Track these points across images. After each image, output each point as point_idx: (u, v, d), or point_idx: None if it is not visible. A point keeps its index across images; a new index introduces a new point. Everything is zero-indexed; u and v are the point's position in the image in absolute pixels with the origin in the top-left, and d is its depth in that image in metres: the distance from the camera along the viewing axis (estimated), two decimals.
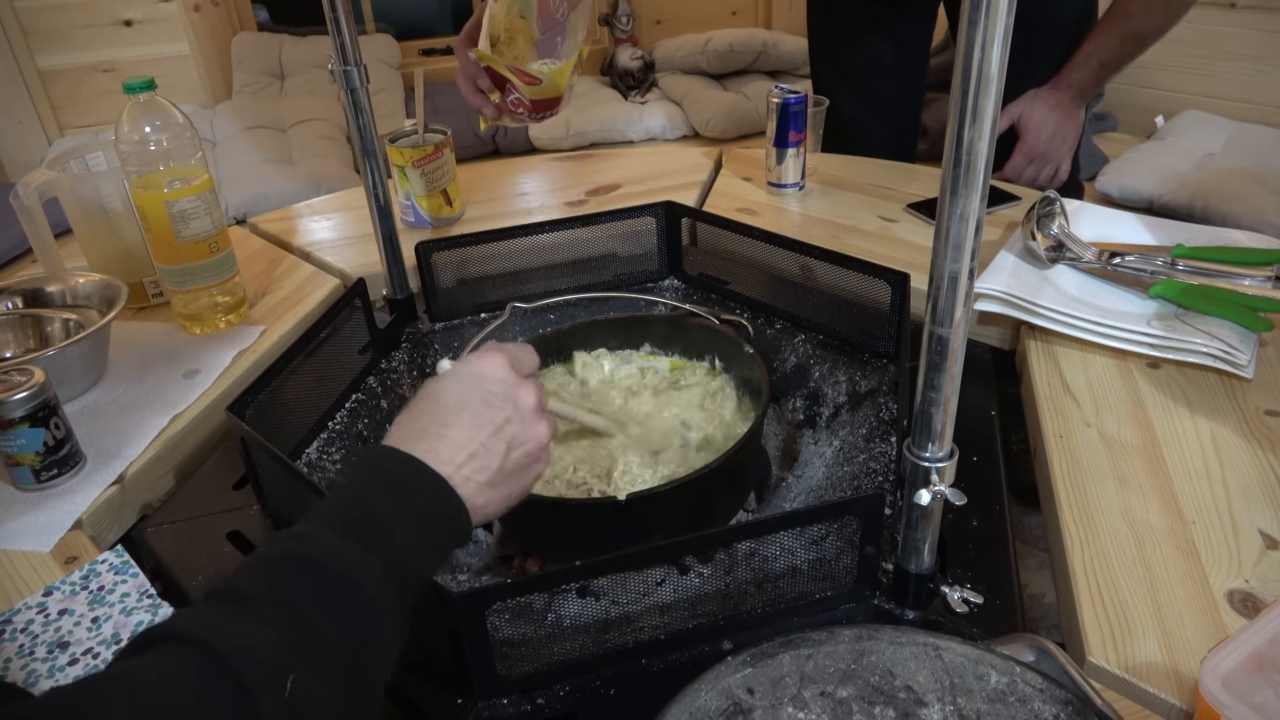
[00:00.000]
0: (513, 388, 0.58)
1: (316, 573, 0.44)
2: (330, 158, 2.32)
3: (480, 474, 0.54)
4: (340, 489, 0.52)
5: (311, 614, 0.43)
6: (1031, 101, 1.33)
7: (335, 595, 0.44)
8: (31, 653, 0.63)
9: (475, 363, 0.59)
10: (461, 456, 0.54)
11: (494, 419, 0.56)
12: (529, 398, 0.58)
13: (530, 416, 0.58)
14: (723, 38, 2.80)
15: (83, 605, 0.67)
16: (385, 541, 0.48)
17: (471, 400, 0.56)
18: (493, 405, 0.56)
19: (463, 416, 0.55)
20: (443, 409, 0.56)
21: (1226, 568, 0.63)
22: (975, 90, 0.45)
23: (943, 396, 0.54)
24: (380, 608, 0.45)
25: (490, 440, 0.55)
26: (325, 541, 0.46)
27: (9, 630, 0.65)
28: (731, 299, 1.04)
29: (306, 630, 0.42)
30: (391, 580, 0.46)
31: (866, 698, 0.50)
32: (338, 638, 0.43)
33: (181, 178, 0.93)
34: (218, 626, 0.40)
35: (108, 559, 0.71)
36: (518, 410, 0.57)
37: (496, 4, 0.90)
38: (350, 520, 0.48)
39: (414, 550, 0.50)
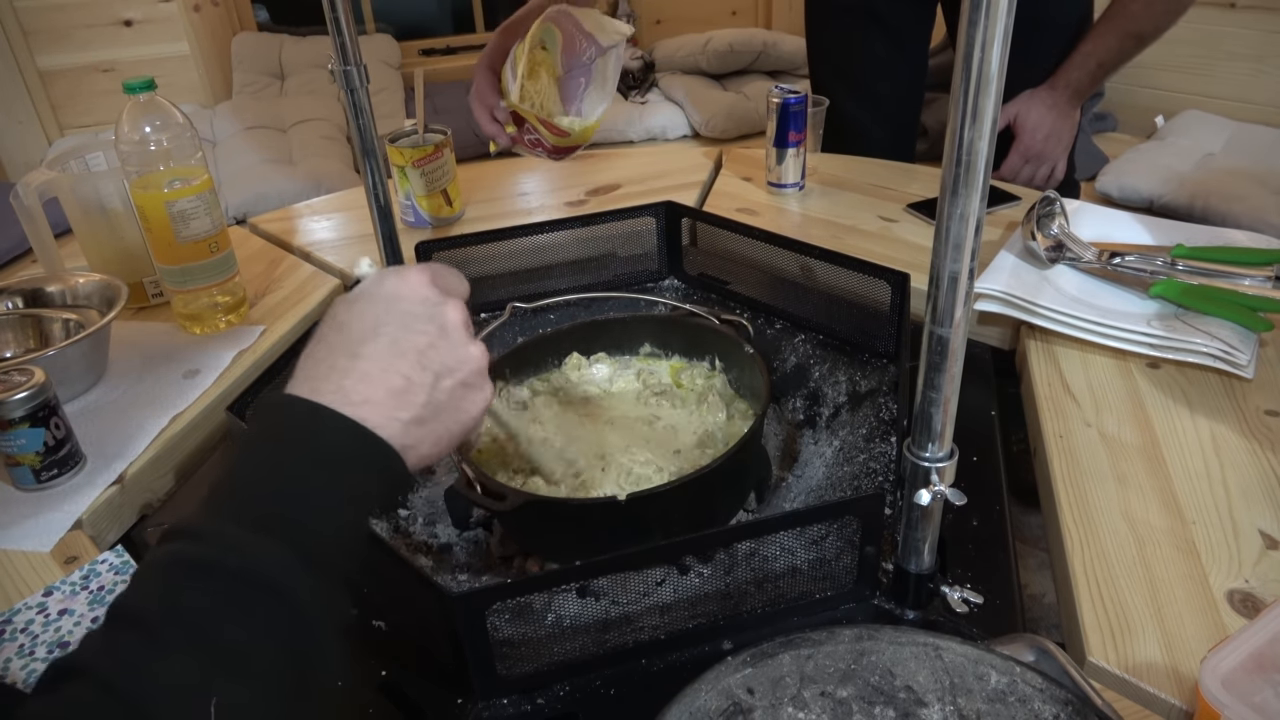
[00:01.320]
0: (436, 306, 0.50)
1: (219, 575, 0.39)
2: (330, 158, 2.32)
3: (404, 410, 0.47)
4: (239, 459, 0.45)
5: (222, 626, 0.38)
6: (1027, 101, 1.33)
7: (244, 597, 0.39)
8: (31, 653, 0.63)
9: (391, 279, 0.50)
10: (379, 392, 0.46)
11: (415, 343, 0.48)
12: (455, 315, 0.51)
13: (459, 337, 0.50)
14: (723, 38, 2.80)
15: (83, 605, 0.67)
16: (295, 518, 0.42)
17: (387, 323, 0.48)
18: (413, 328, 0.49)
19: (377, 344, 0.48)
20: (353, 337, 0.48)
21: (1226, 568, 0.63)
22: (975, 90, 0.45)
23: (943, 396, 0.54)
24: (299, 597, 0.40)
25: (412, 369, 0.48)
26: (223, 535, 0.41)
27: (9, 630, 0.65)
28: (731, 299, 1.04)
29: (219, 645, 0.38)
30: (307, 561, 0.41)
31: (866, 698, 0.50)
32: (256, 644, 0.38)
33: (181, 178, 0.93)
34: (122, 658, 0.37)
35: (108, 559, 0.71)
36: (444, 332, 0.50)
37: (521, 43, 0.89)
38: (251, 501, 0.43)
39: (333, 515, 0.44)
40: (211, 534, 0.41)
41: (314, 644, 0.41)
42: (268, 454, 0.45)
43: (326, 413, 0.45)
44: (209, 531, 0.41)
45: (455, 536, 0.79)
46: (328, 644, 0.41)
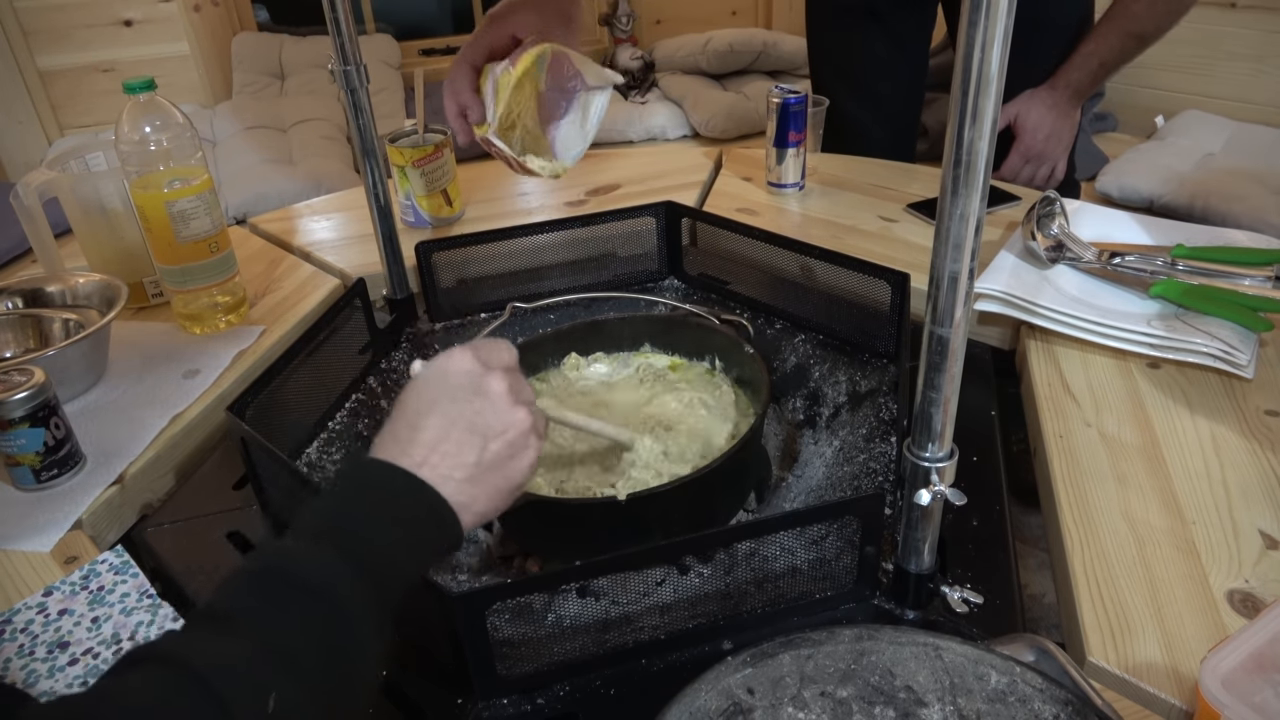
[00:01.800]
0: (480, 378, 0.57)
1: (294, 585, 0.45)
2: (330, 158, 2.32)
3: (457, 470, 0.54)
4: (317, 499, 0.52)
5: (290, 629, 0.43)
6: (1028, 101, 1.33)
7: (313, 607, 0.44)
8: (31, 653, 0.63)
9: (440, 362, 0.58)
10: (434, 456, 0.53)
11: (462, 412, 0.55)
12: (498, 385, 0.57)
13: (503, 404, 0.57)
14: (723, 38, 2.80)
15: (83, 605, 0.67)
16: (361, 546, 0.48)
17: (439, 400, 0.56)
18: (459, 400, 0.56)
19: (432, 418, 0.55)
20: (412, 414, 0.55)
21: (1226, 568, 0.63)
22: (975, 90, 0.45)
23: (943, 396, 0.54)
24: (356, 613, 0.45)
25: (462, 434, 0.54)
26: (299, 551, 0.47)
27: (9, 630, 0.65)
28: (731, 299, 1.04)
29: (285, 645, 0.42)
30: (368, 584, 0.47)
31: (866, 698, 0.50)
32: (314, 648, 0.43)
33: (181, 178, 0.93)
34: (199, 647, 0.41)
35: (108, 559, 0.71)
36: (488, 400, 0.56)
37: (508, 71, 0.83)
38: (325, 528, 0.49)
39: (394, 554, 0.49)
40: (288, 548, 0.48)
41: (361, 655, 0.45)
42: (345, 496, 0.52)
43: (393, 468, 0.52)
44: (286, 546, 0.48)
45: None
46: (372, 656, 0.46)
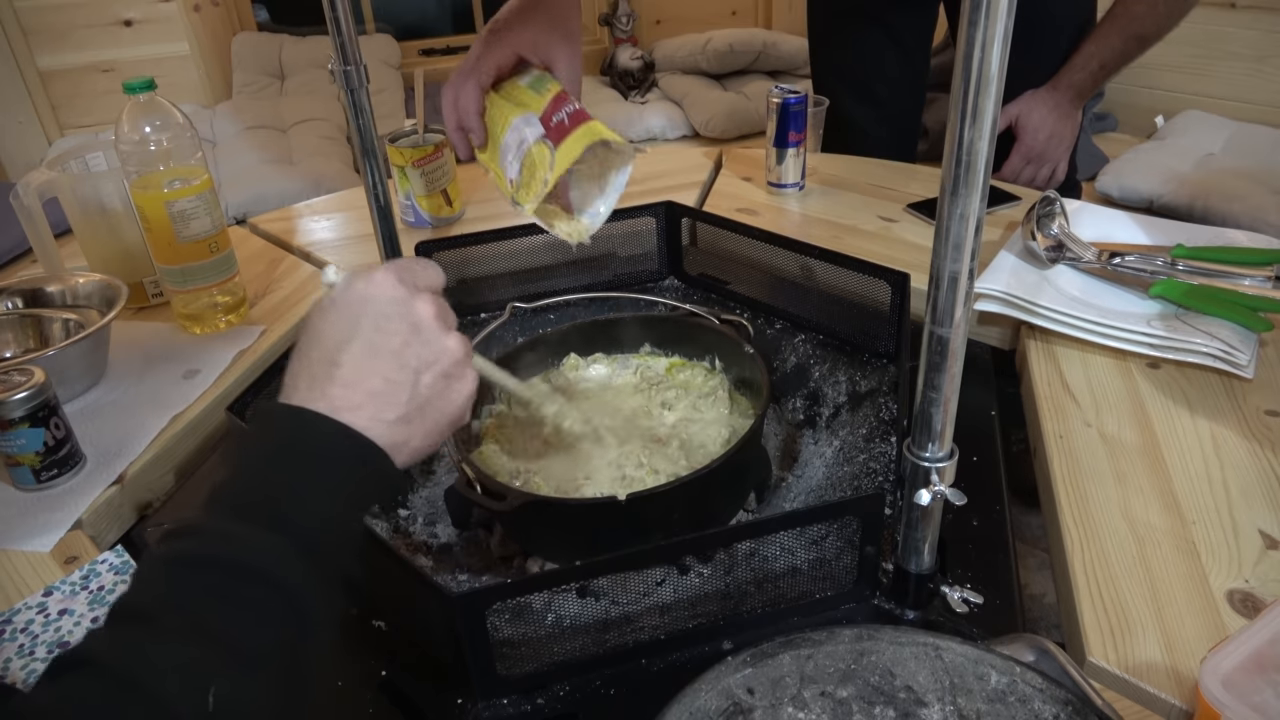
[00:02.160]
0: (406, 304, 0.51)
1: (218, 569, 0.41)
2: (330, 158, 2.32)
3: (388, 410, 0.48)
4: (235, 464, 0.47)
5: (220, 616, 0.40)
6: (1029, 102, 1.33)
7: (242, 589, 0.41)
8: (31, 653, 0.63)
9: (360, 286, 0.51)
10: (360, 396, 0.48)
11: (390, 344, 0.49)
12: (426, 310, 0.51)
13: (433, 331, 0.51)
14: (723, 38, 2.80)
15: (83, 605, 0.67)
16: (291, 515, 0.44)
17: (360, 327, 0.49)
18: (385, 329, 0.50)
19: (352, 350, 0.49)
20: (331, 345, 0.49)
21: (1226, 568, 0.63)
22: (975, 90, 0.45)
23: (943, 396, 0.54)
24: (294, 589, 0.42)
25: (390, 369, 0.49)
26: (222, 532, 0.43)
27: (9, 630, 0.65)
28: (731, 299, 1.04)
29: (218, 634, 0.39)
30: (304, 555, 0.43)
31: (866, 698, 0.50)
32: (254, 633, 0.40)
33: (181, 178, 0.93)
34: (128, 650, 0.38)
35: (108, 559, 0.71)
36: (417, 328, 0.50)
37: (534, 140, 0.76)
38: (248, 501, 0.44)
39: (325, 514, 0.45)
40: (207, 530, 0.43)
41: (309, 635, 0.42)
42: (260, 458, 0.46)
43: (314, 417, 0.47)
44: (205, 528, 0.43)
45: (455, 536, 0.79)
46: (323, 634, 0.43)
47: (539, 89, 0.78)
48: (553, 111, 0.76)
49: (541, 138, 0.75)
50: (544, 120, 0.76)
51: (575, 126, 0.75)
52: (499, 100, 0.80)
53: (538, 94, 0.78)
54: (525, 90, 0.79)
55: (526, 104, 0.78)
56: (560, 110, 0.76)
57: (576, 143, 0.74)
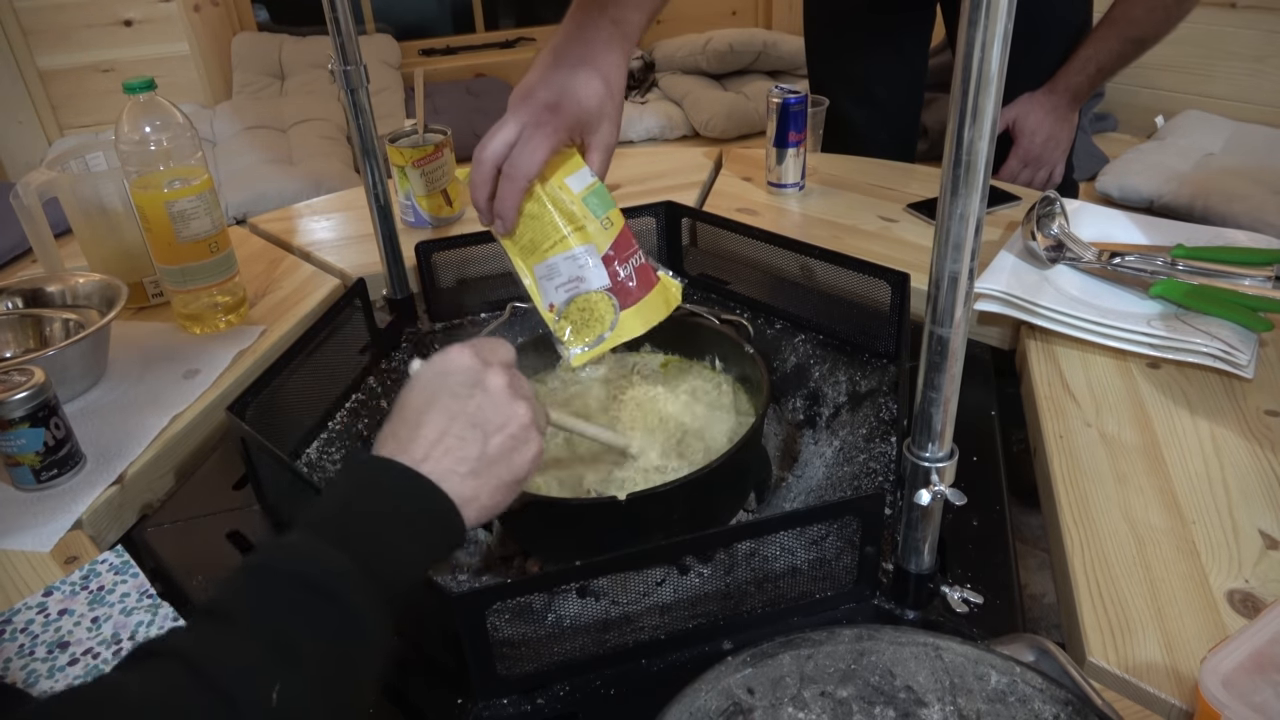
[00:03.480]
0: (478, 373, 0.57)
1: (296, 580, 0.45)
2: (330, 158, 2.32)
3: (459, 465, 0.54)
4: (320, 497, 0.52)
5: (292, 623, 0.44)
6: (1027, 105, 1.33)
7: (315, 602, 0.45)
8: (31, 653, 0.63)
9: (438, 361, 0.58)
10: (436, 452, 0.53)
11: (463, 408, 0.55)
12: (497, 380, 0.57)
13: (502, 398, 0.57)
14: (723, 38, 2.80)
15: (83, 605, 0.67)
16: (366, 544, 0.48)
17: (439, 396, 0.56)
18: (460, 395, 0.56)
19: (431, 414, 0.55)
20: (412, 412, 0.55)
21: (1226, 568, 0.63)
22: (975, 90, 0.45)
23: (943, 396, 0.54)
24: (360, 610, 0.46)
25: (462, 429, 0.54)
26: (304, 548, 0.47)
27: (9, 630, 0.65)
28: (731, 299, 1.04)
29: (287, 640, 0.43)
30: (372, 581, 0.47)
31: (866, 698, 0.50)
32: (318, 645, 0.44)
33: (181, 178, 0.93)
34: (204, 643, 0.42)
35: (108, 559, 0.71)
36: (488, 394, 0.56)
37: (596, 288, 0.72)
38: (329, 526, 0.49)
39: (397, 549, 0.50)
40: (288, 544, 0.48)
41: (363, 649, 0.46)
42: (346, 496, 0.52)
43: (395, 465, 0.53)
44: (291, 544, 0.48)
45: None
46: (375, 650, 0.46)
47: (598, 211, 0.72)
48: (618, 257, 0.72)
49: (607, 291, 0.72)
50: (607, 263, 0.72)
51: (645, 290, 0.72)
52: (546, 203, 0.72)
53: (597, 219, 0.72)
54: (580, 204, 0.72)
55: (583, 225, 0.72)
56: (626, 259, 0.72)
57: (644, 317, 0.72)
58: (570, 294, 0.73)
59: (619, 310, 0.72)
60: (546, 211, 0.72)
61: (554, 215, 0.72)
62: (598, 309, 0.72)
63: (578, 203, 0.72)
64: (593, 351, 0.73)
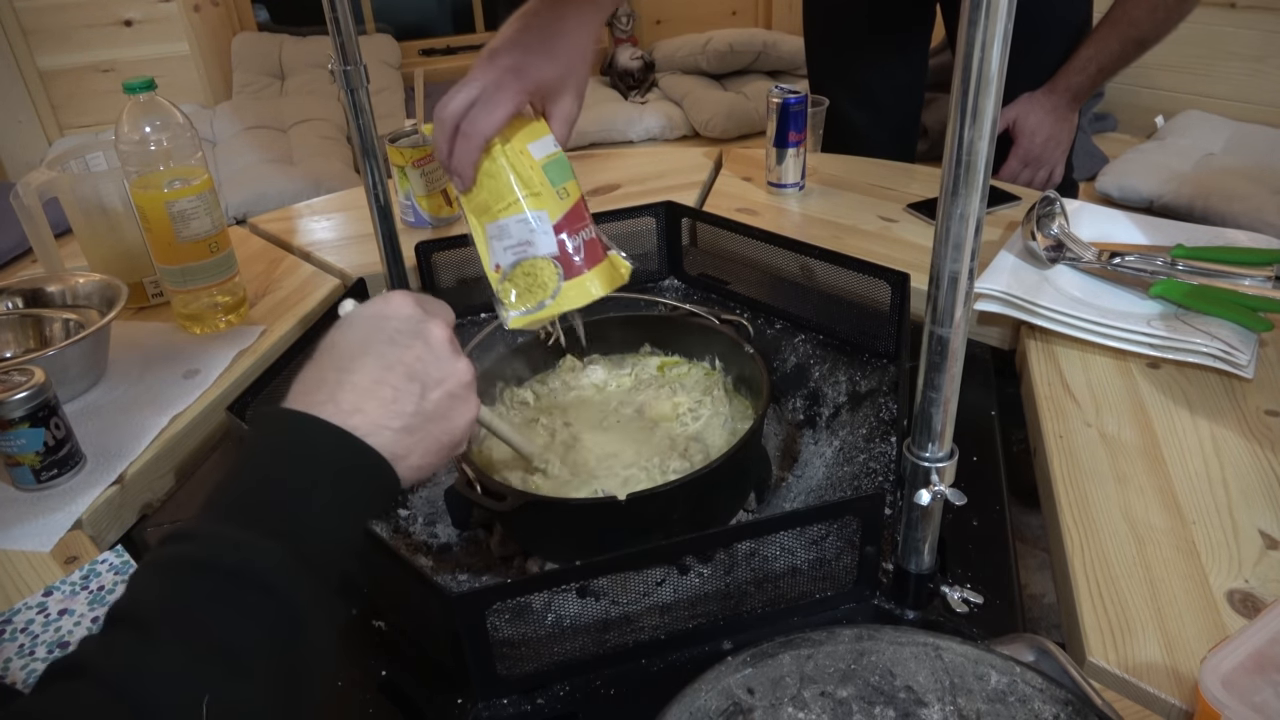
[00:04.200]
0: (420, 323, 0.53)
1: (214, 575, 0.41)
2: (330, 158, 2.32)
3: (394, 419, 0.49)
4: (234, 467, 0.47)
5: (216, 623, 0.40)
6: (1027, 105, 1.33)
7: (239, 595, 0.40)
8: (31, 653, 0.63)
9: (376, 303, 0.54)
10: (368, 403, 0.49)
11: (402, 358, 0.51)
12: (440, 332, 0.53)
13: (444, 352, 0.53)
14: (723, 38, 2.80)
15: (83, 605, 0.67)
16: (290, 521, 0.44)
17: (374, 341, 0.51)
18: (399, 343, 0.51)
19: (365, 360, 0.50)
20: (343, 355, 0.51)
21: (1226, 568, 0.63)
22: (975, 90, 0.45)
23: (943, 396, 0.54)
24: (292, 596, 0.41)
25: (399, 380, 0.50)
26: (219, 537, 0.42)
27: (9, 630, 0.65)
28: (731, 299, 1.04)
29: (213, 642, 0.39)
30: (302, 561, 0.43)
31: (866, 698, 0.50)
32: (249, 640, 0.40)
33: (181, 178, 0.93)
34: (117, 656, 0.38)
35: (108, 559, 0.71)
36: (429, 346, 0.52)
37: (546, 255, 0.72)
38: (246, 505, 0.44)
39: (327, 524, 0.45)
40: (205, 535, 0.43)
41: (306, 641, 0.42)
42: (262, 461, 0.47)
43: (318, 422, 0.47)
44: (203, 532, 0.43)
45: (455, 536, 0.79)
46: (320, 641, 0.43)
47: (556, 180, 0.73)
48: (569, 227, 0.72)
49: (553, 259, 0.72)
50: (557, 231, 0.72)
51: (590, 264, 0.73)
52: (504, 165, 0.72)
53: (554, 188, 0.72)
54: (539, 171, 0.72)
55: (539, 192, 0.72)
56: (577, 231, 0.73)
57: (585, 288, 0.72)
58: (517, 257, 0.73)
59: (562, 280, 0.72)
60: (503, 173, 0.72)
61: (510, 177, 0.72)
62: (542, 275, 0.73)
63: (537, 169, 0.72)
64: (531, 316, 0.73)
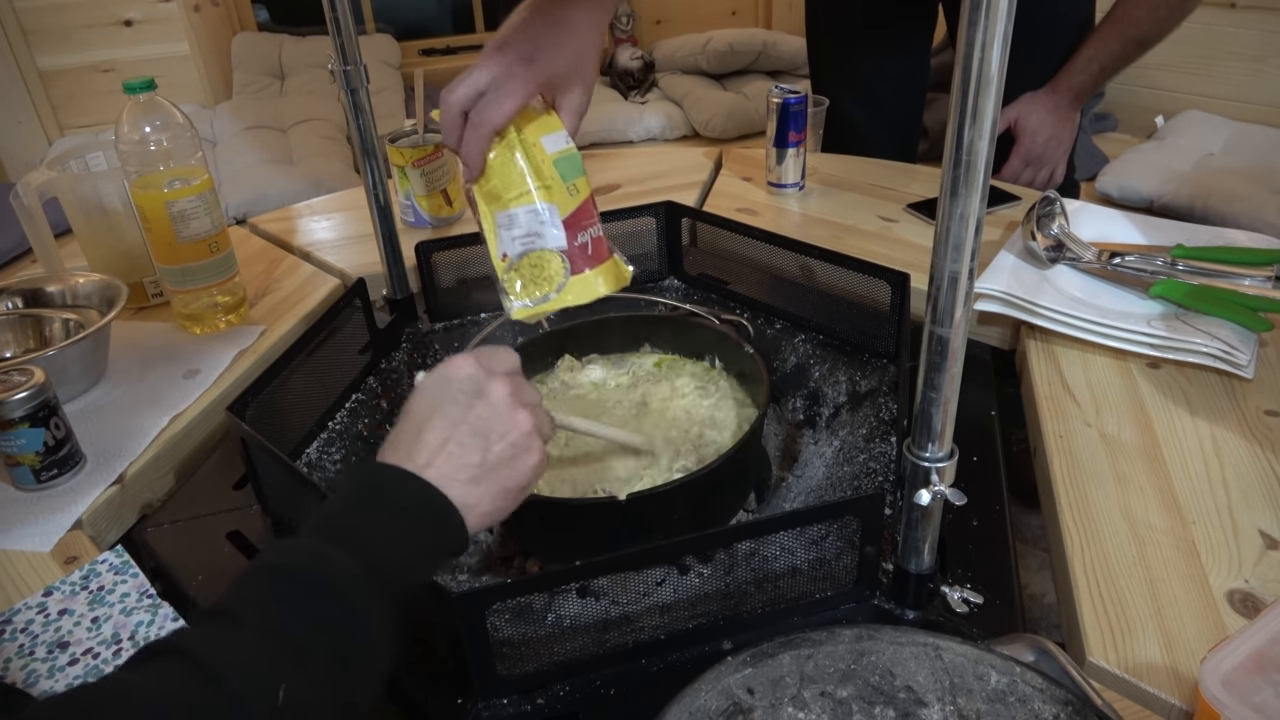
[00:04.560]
0: (481, 382, 0.58)
1: (302, 581, 0.46)
2: (330, 158, 2.32)
3: (460, 471, 0.54)
4: (325, 502, 0.53)
5: (299, 624, 0.44)
6: (1029, 104, 1.33)
7: (321, 602, 0.45)
8: (31, 653, 0.63)
9: (441, 369, 0.59)
10: (438, 458, 0.54)
11: (464, 415, 0.56)
12: (500, 389, 0.58)
13: (504, 407, 0.57)
14: (723, 38, 2.80)
15: (83, 605, 0.67)
16: (371, 546, 0.49)
17: (441, 403, 0.56)
18: (460, 404, 0.56)
19: (434, 421, 0.56)
20: (416, 420, 0.56)
21: (1226, 568, 0.63)
22: (975, 90, 0.45)
23: (943, 396, 0.54)
24: (366, 613, 0.46)
25: (464, 436, 0.55)
26: (310, 549, 0.48)
27: (9, 630, 0.65)
28: (731, 299, 1.04)
29: (294, 640, 0.43)
30: (377, 583, 0.48)
31: (866, 698, 0.50)
32: (324, 647, 0.44)
33: (181, 178, 0.93)
34: (210, 643, 0.42)
35: (108, 559, 0.71)
36: (489, 403, 0.57)
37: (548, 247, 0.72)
38: (335, 530, 0.50)
39: (401, 551, 0.51)
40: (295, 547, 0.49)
41: (369, 650, 0.46)
42: (350, 500, 0.53)
43: (398, 471, 0.54)
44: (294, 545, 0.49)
45: None
46: (381, 651, 0.47)
47: (567, 176, 0.73)
48: (577, 223, 0.73)
49: (562, 253, 0.72)
50: (567, 226, 0.72)
51: (596, 262, 0.73)
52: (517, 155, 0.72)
53: (564, 183, 0.72)
54: (550, 165, 0.72)
55: (549, 185, 0.72)
56: (585, 228, 0.73)
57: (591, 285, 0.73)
58: (525, 248, 0.73)
59: (569, 274, 0.73)
60: (515, 162, 0.72)
61: (523, 167, 0.72)
62: (549, 268, 0.73)
63: (548, 163, 0.72)
64: (536, 308, 0.73)
